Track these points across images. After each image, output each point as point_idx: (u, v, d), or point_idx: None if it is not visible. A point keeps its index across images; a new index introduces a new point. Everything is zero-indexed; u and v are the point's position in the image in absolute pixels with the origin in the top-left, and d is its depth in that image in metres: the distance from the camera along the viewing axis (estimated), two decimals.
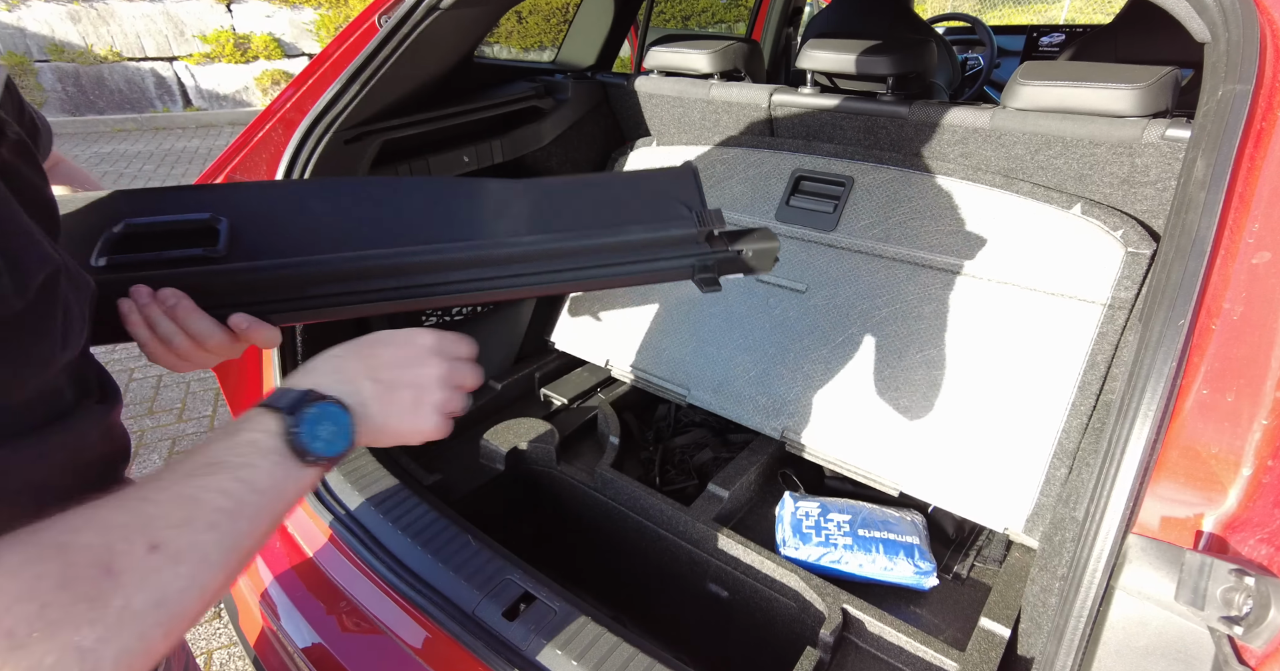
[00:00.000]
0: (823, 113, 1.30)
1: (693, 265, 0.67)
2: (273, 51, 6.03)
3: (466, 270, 0.62)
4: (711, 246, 0.67)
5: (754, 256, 0.68)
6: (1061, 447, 0.97)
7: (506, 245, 0.63)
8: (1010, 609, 0.89)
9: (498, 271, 0.63)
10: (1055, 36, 3.18)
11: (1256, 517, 0.48)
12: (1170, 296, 0.55)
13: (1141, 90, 0.97)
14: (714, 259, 0.67)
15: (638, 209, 0.67)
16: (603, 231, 0.65)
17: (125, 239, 0.58)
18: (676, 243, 0.66)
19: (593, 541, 1.24)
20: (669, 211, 0.67)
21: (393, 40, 1.06)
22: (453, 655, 0.74)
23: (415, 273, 0.61)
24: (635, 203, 0.68)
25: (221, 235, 0.59)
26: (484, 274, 0.63)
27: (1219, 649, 0.46)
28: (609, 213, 0.67)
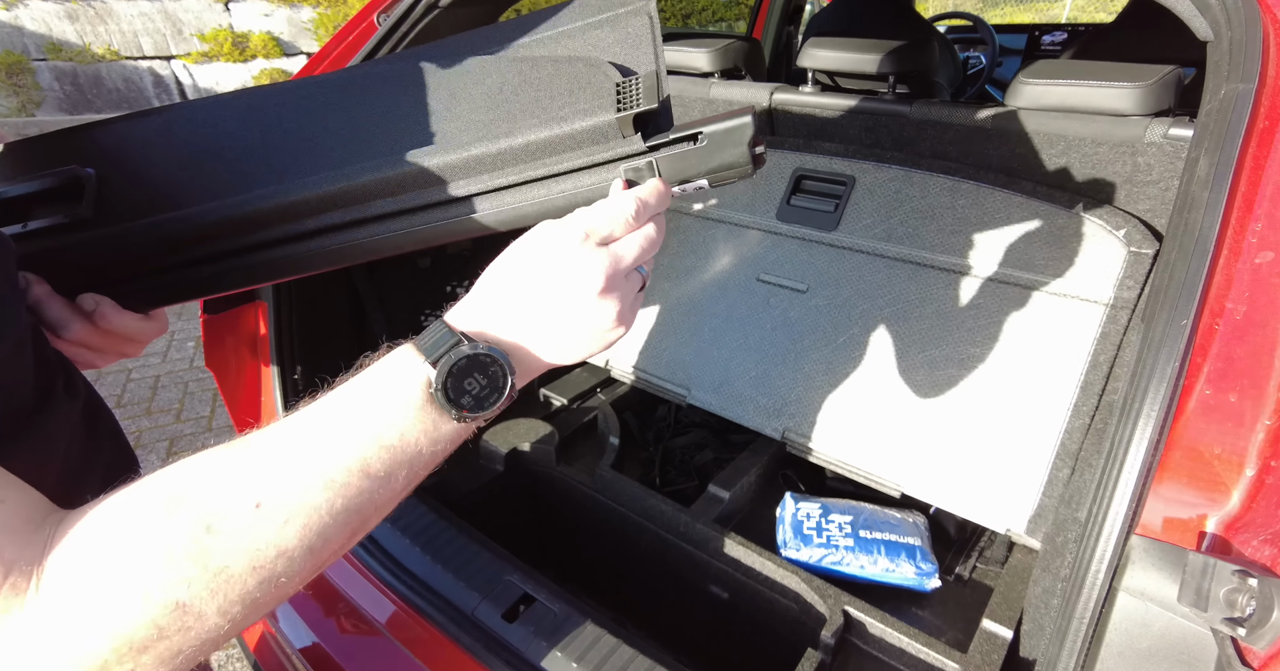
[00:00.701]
0: (824, 111, 1.30)
1: (620, 175, 0.44)
2: (271, 50, 6.02)
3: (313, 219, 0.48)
4: (646, 138, 0.43)
5: (711, 144, 0.43)
6: (1064, 448, 0.96)
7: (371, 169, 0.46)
8: (1012, 610, 0.89)
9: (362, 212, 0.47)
10: (1057, 35, 3.17)
11: (1260, 518, 0.48)
12: (1173, 296, 0.55)
13: (1144, 89, 0.96)
14: (648, 158, 0.43)
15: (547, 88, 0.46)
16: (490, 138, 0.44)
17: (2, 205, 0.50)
18: (592, 139, 0.43)
19: (592, 542, 1.24)
20: (591, 88, 0.45)
21: (391, 39, 1.06)
22: (452, 657, 0.73)
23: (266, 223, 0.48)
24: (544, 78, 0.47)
25: (87, 191, 0.49)
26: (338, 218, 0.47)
27: (1222, 650, 0.46)
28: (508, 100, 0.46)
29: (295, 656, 0.83)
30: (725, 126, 0.43)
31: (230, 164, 0.50)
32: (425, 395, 0.34)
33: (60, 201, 0.50)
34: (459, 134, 0.46)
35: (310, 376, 1.05)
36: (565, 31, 0.51)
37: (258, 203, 0.48)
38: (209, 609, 0.27)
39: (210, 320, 1.00)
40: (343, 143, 0.49)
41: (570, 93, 0.45)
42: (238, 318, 0.99)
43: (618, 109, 0.42)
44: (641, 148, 0.43)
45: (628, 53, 0.48)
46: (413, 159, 0.45)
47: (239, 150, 0.51)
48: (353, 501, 0.31)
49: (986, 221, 1.12)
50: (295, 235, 0.49)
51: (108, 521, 0.28)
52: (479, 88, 0.49)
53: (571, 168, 0.45)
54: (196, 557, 0.27)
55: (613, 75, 0.45)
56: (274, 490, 0.29)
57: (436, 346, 0.35)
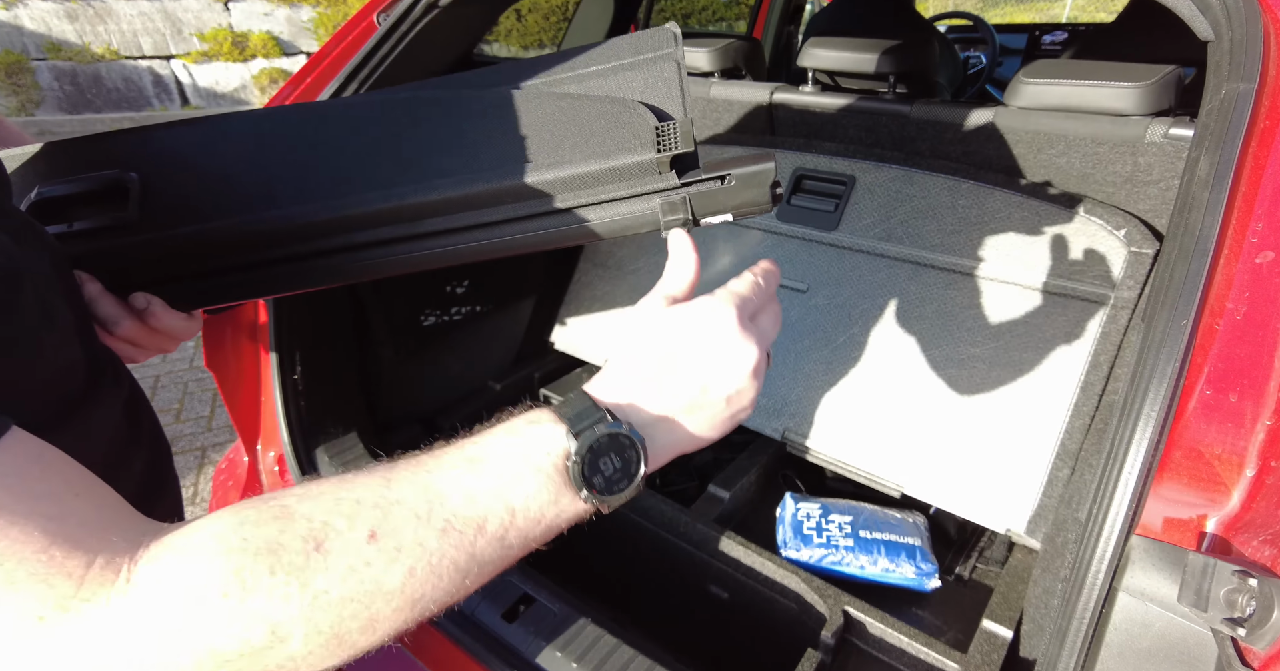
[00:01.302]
0: (824, 111, 1.30)
1: (657, 207, 0.50)
2: (271, 50, 6.02)
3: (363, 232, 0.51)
4: (680, 176, 0.50)
5: (740, 184, 0.49)
6: (1064, 448, 0.96)
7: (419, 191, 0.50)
8: (1012, 610, 0.89)
9: (410, 230, 0.50)
10: (1058, 35, 3.17)
11: (1260, 518, 0.48)
12: (1173, 296, 0.54)
13: (1144, 89, 0.96)
14: (683, 193, 0.49)
15: (587, 125, 0.51)
16: (536, 169, 0.49)
17: (38, 209, 0.52)
18: (632, 174, 0.49)
19: (592, 542, 1.24)
20: (628, 128, 0.50)
21: (391, 38, 1.05)
22: (451, 657, 0.74)
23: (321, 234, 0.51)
24: (584, 115, 0.51)
25: (131, 195, 0.51)
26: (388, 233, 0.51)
27: (1222, 650, 0.46)
28: (550, 134, 0.51)
29: None
30: (751, 170, 0.49)
31: (281, 176, 0.53)
32: (561, 466, 0.33)
33: (104, 203, 0.51)
34: (508, 161, 0.50)
35: (310, 376, 1.05)
36: (598, 71, 0.55)
37: (313, 215, 0.51)
38: (296, 632, 0.26)
39: (210, 320, 1.00)
40: (393, 162, 0.52)
41: (612, 131, 0.50)
42: (238, 318, 0.99)
43: (658, 149, 0.48)
44: (677, 184, 0.49)
45: (657, 95, 0.53)
46: (466, 183, 0.49)
47: (289, 163, 0.53)
48: (463, 555, 0.30)
49: (987, 221, 1.12)
50: (346, 246, 0.52)
51: (214, 525, 0.26)
52: (524, 118, 0.53)
53: (612, 197, 0.50)
54: (299, 575, 0.26)
55: (649, 118, 0.50)
56: (392, 524, 0.28)
57: (580, 418, 0.33)
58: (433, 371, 1.37)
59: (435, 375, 1.37)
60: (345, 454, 1.02)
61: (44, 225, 0.48)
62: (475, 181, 0.49)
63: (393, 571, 0.28)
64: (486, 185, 0.49)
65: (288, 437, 0.98)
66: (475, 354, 1.45)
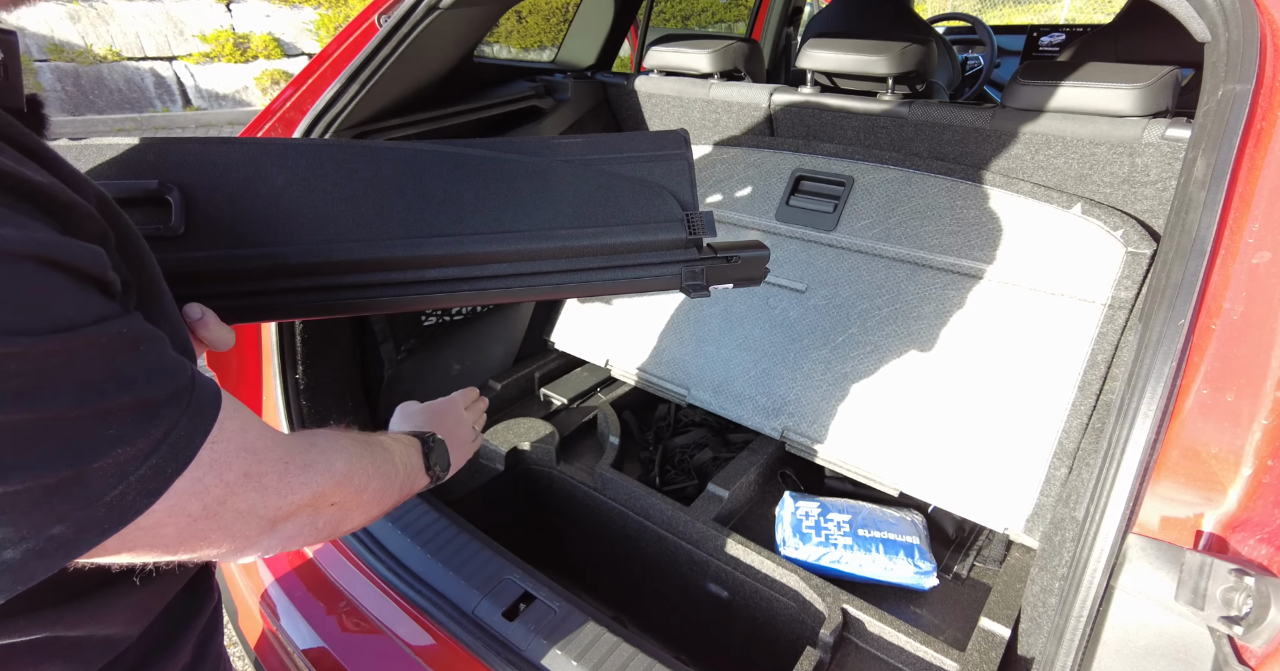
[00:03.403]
0: (823, 112, 1.30)
1: (680, 273, 0.65)
2: (272, 51, 6.02)
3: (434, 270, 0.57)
4: (700, 253, 0.65)
5: (744, 264, 0.66)
6: (1061, 447, 0.97)
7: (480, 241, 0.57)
8: (1010, 609, 0.89)
9: (475, 271, 0.58)
10: (1055, 36, 3.17)
11: (1256, 517, 0.48)
12: (1170, 296, 0.55)
13: (1142, 90, 0.96)
14: (702, 266, 0.65)
15: (625, 201, 0.63)
16: (587, 232, 0.60)
17: None
18: (664, 247, 0.63)
19: (593, 541, 1.24)
20: (658, 209, 0.63)
21: (392, 40, 1.06)
22: (452, 655, 0.74)
23: (381, 269, 0.56)
24: (623, 192, 0.63)
25: (174, 208, 0.53)
26: (457, 273, 0.58)
27: (1219, 648, 0.46)
28: (594, 203, 0.62)
29: (297, 655, 0.83)
30: (753, 255, 0.67)
31: (335, 210, 0.57)
32: (421, 454, 0.62)
33: (143, 212, 0.53)
34: (566, 222, 0.60)
35: (311, 376, 1.05)
36: (625, 158, 0.66)
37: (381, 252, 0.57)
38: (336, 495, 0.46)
39: None
40: (454, 210, 0.59)
41: (649, 210, 0.63)
42: None
43: (689, 232, 0.63)
44: (697, 257, 0.65)
45: (674, 183, 0.66)
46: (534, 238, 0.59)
47: (341, 198, 0.57)
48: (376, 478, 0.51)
49: (984, 222, 1.12)
50: (408, 281, 0.58)
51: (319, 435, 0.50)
52: (572, 185, 0.63)
53: (647, 262, 0.64)
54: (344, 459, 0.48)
55: (677, 207, 0.64)
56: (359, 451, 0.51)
57: (424, 436, 0.64)
58: (433, 370, 1.37)
59: (436, 374, 1.37)
60: None
61: None
62: (541, 238, 0.59)
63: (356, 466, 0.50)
64: (550, 243, 0.59)
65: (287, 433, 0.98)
66: (475, 353, 1.45)
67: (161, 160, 0.55)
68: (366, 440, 0.53)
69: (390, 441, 0.57)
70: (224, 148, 0.57)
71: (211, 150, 0.57)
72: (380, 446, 0.54)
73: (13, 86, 0.36)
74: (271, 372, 1.01)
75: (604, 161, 0.65)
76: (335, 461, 0.46)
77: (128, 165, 0.54)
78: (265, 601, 0.89)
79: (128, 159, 0.55)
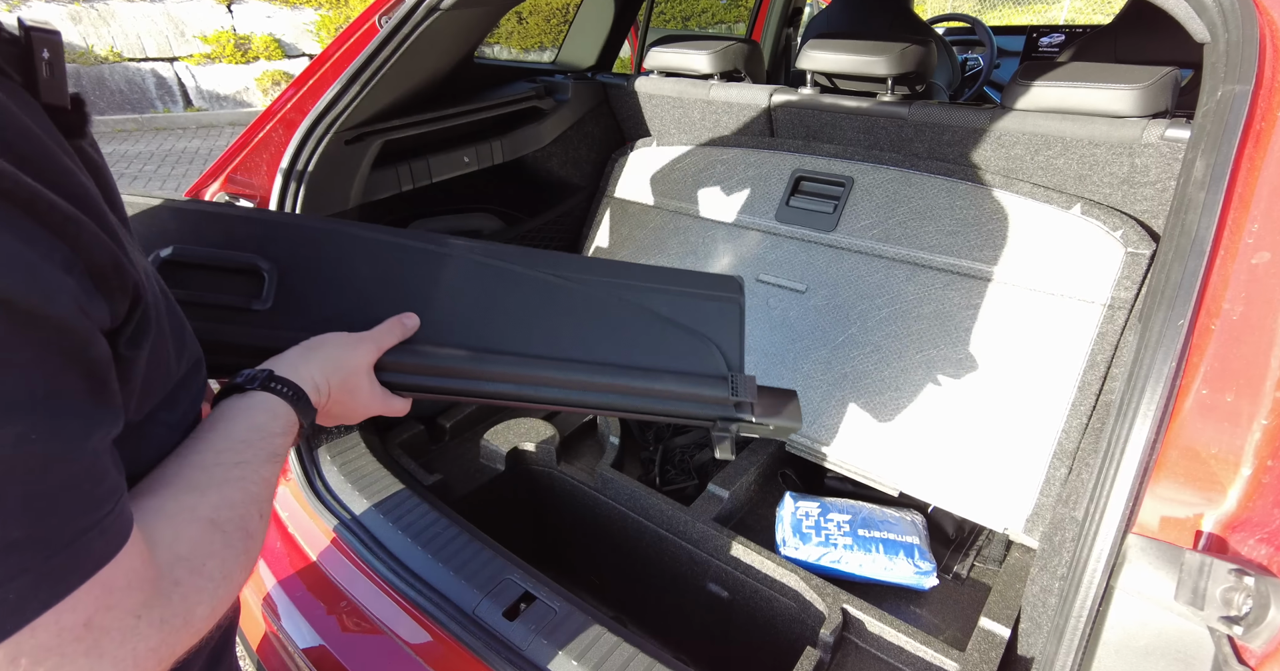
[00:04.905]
0: (823, 113, 1.30)
1: (713, 423, 0.66)
2: (273, 52, 6.03)
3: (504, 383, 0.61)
4: (738, 410, 0.65)
5: (774, 432, 0.68)
6: (1061, 447, 0.97)
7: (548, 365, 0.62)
8: (1010, 609, 0.89)
9: (533, 390, 0.61)
10: (1055, 37, 3.17)
11: (1256, 517, 0.48)
12: (1170, 296, 0.55)
13: (1141, 91, 0.97)
14: (735, 425, 0.66)
15: (677, 349, 0.66)
16: (638, 373, 0.63)
17: (171, 264, 0.57)
18: (707, 400, 0.65)
19: (593, 541, 1.24)
20: (706, 362, 0.66)
21: (393, 41, 1.06)
22: (453, 655, 0.74)
23: (440, 374, 0.60)
24: (676, 340, 0.66)
25: (267, 285, 0.57)
26: (520, 388, 0.61)
27: (1219, 649, 0.46)
28: (648, 345, 0.66)
29: (298, 655, 0.83)
30: (785, 423, 0.67)
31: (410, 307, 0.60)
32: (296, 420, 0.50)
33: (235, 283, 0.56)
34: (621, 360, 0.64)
35: None
36: (678, 293, 0.69)
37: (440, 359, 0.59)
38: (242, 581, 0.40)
39: None
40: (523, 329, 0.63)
41: (695, 363, 0.66)
42: None
43: (732, 392, 0.64)
44: (735, 417, 0.65)
45: (719, 329, 0.68)
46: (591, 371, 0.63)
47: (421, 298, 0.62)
48: None
49: (984, 222, 1.12)
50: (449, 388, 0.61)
51: None
52: (624, 324, 0.66)
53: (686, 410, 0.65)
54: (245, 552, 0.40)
55: (720, 363, 0.66)
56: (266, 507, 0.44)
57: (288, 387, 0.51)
58: None
59: None
60: (347, 453, 1.02)
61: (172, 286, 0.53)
62: (595, 372, 0.63)
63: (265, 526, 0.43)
64: (602, 378, 0.63)
65: None
66: None
67: (261, 235, 0.60)
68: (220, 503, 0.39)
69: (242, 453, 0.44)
70: (320, 235, 0.62)
71: (307, 235, 0.61)
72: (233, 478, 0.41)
73: (58, 84, 0.36)
74: None
75: (662, 291, 0.68)
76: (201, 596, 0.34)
77: (229, 234, 0.59)
78: (266, 602, 0.89)
79: (230, 227, 0.59)
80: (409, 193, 1.26)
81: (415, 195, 1.30)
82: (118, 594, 0.28)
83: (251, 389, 0.47)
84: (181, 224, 0.59)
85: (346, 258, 0.62)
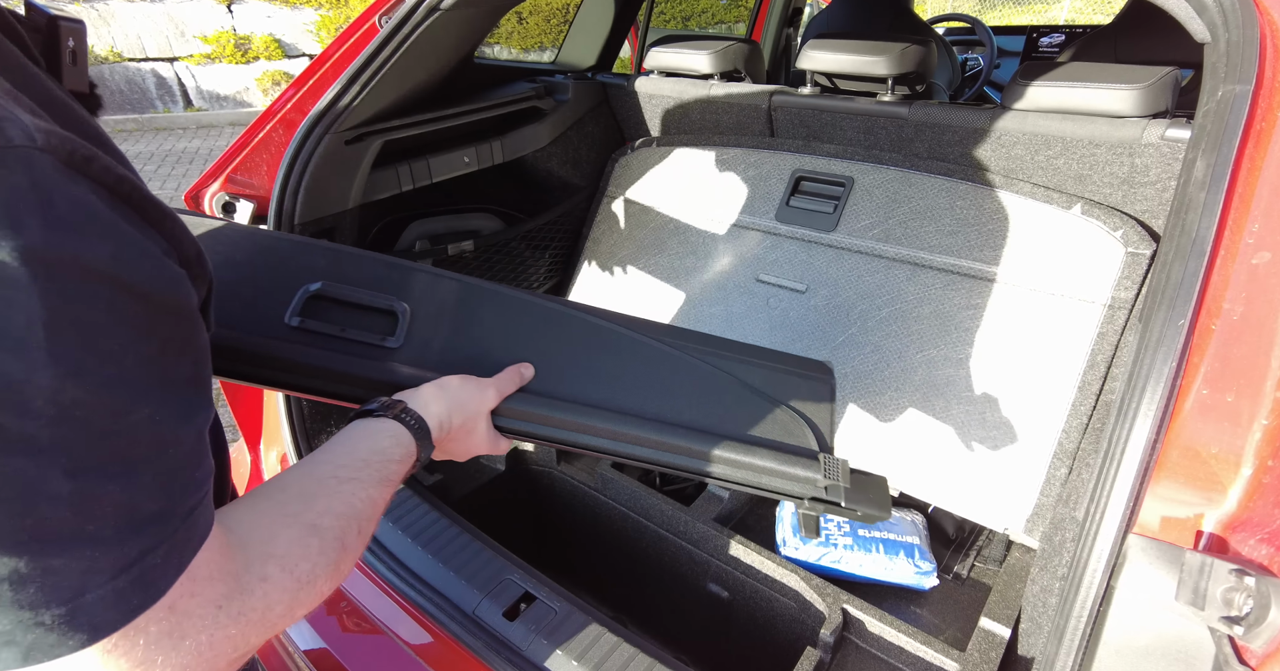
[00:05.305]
0: (823, 113, 1.30)
1: (803, 499, 0.66)
2: (273, 52, 6.03)
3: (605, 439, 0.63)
4: (828, 493, 0.65)
5: (861, 517, 0.67)
6: (1062, 448, 0.97)
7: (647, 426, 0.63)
8: (1010, 609, 0.89)
9: (629, 448, 0.63)
10: (1055, 37, 3.17)
11: (1257, 517, 0.48)
12: (1170, 296, 0.55)
13: (1141, 91, 0.97)
14: (825, 503, 0.66)
15: (773, 422, 0.66)
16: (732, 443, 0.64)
17: (316, 299, 0.63)
18: (799, 479, 0.64)
19: (593, 541, 1.24)
20: (799, 438, 0.66)
21: (393, 41, 1.06)
22: (453, 655, 0.74)
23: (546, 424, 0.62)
24: (773, 414, 0.67)
25: (400, 325, 0.62)
26: (617, 445, 0.63)
27: (1219, 649, 0.46)
28: (744, 416, 0.66)
29: (298, 655, 0.83)
30: (873, 512, 0.66)
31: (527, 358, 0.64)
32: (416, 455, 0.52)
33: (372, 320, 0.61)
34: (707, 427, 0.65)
35: None
36: (771, 368, 0.70)
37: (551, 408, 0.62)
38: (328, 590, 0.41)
39: None
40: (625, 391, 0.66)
41: (788, 438, 0.65)
42: None
43: (824, 475, 0.62)
44: (824, 498, 0.63)
45: (810, 406, 0.68)
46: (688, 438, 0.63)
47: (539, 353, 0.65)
48: None
49: (984, 222, 1.12)
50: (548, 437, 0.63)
51: None
52: (717, 391, 0.67)
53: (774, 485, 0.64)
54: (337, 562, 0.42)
55: (811, 440, 0.65)
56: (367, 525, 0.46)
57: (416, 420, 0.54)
58: None
59: None
60: None
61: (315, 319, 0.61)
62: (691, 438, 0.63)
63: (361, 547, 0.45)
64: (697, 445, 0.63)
65: (290, 437, 0.99)
66: None
67: (398, 279, 0.65)
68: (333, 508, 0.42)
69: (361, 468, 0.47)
70: (450, 284, 0.67)
71: (440, 284, 0.67)
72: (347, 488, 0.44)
73: (80, 71, 0.37)
74: None
75: (755, 365, 0.70)
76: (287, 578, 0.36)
77: (374, 276, 0.65)
78: None
79: (369, 269, 0.66)
80: (409, 193, 1.26)
81: (415, 195, 1.30)
82: (200, 582, 0.30)
83: (383, 415, 0.50)
84: (331, 262, 0.66)
85: (472, 306, 0.67)
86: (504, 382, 0.60)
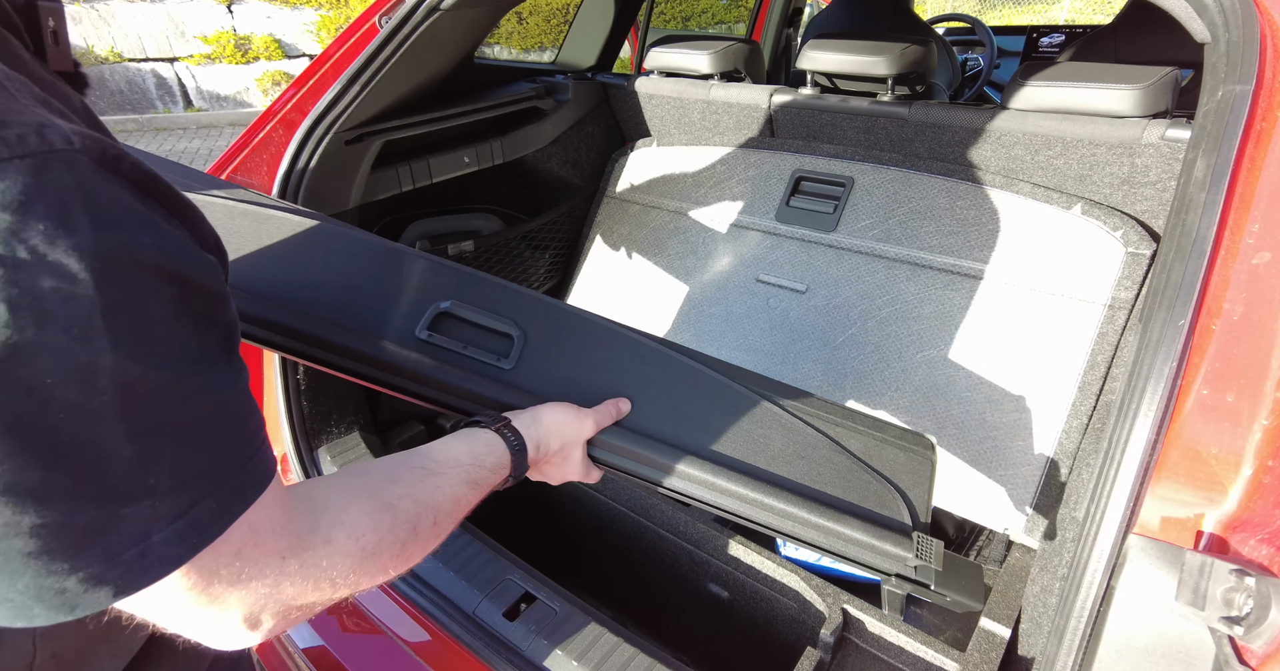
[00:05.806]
0: (823, 113, 1.30)
1: (890, 576, 0.63)
2: (273, 52, 6.03)
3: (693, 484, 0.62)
4: (918, 574, 0.61)
5: (950, 604, 0.65)
6: (1062, 448, 0.97)
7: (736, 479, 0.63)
8: (1011, 609, 0.89)
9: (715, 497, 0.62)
10: (1055, 37, 3.17)
11: (1257, 518, 0.48)
12: (1170, 297, 0.55)
13: (1141, 91, 0.97)
14: (912, 582, 0.62)
15: (864, 488, 0.64)
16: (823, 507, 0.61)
17: (444, 316, 0.67)
18: (888, 555, 0.61)
19: (593, 541, 1.24)
20: (891, 509, 0.63)
21: (393, 41, 1.06)
22: (453, 655, 0.74)
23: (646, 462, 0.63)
24: (864, 477, 0.64)
25: (515, 350, 0.66)
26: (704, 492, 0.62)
27: (1219, 649, 0.46)
28: (834, 474, 0.64)
29: (297, 655, 0.83)
30: (964, 601, 0.65)
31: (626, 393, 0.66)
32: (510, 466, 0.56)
33: (490, 341, 0.65)
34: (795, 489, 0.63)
35: (312, 376, 1.05)
36: (869, 435, 0.68)
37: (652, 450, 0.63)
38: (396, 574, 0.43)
39: None
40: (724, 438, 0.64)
41: (879, 507, 0.62)
42: None
43: (917, 555, 0.59)
44: (913, 578, 0.60)
45: (907, 480, 0.65)
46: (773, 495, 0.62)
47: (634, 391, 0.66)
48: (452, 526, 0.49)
49: (984, 222, 1.12)
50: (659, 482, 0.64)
51: None
52: (811, 450, 0.65)
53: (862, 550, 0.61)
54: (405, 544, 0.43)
55: (905, 515, 0.62)
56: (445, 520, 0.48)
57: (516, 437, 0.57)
58: None
59: None
60: (347, 453, 1.02)
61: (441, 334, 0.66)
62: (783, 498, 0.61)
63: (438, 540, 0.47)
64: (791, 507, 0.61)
65: (290, 437, 0.99)
66: None
67: (517, 304, 0.69)
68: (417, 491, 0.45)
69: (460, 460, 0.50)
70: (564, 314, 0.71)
71: (555, 313, 0.70)
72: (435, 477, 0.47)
73: (63, 51, 0.39)
74: (273, 373, 1.01)
75: (854, 430, 0.68)
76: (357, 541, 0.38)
77: (492, 299, 0.69)
78: None
79: (494, 295, 0.70)
80: (409, 193, 1.27)
81: (415, 195, 1.30)
82: (264, 535, 0.33)
83: (488, 426, 0.55)
84: (461, 283, 0.70)
85: (580, 336, 0.69)
86: (602, 415, 0.63)
